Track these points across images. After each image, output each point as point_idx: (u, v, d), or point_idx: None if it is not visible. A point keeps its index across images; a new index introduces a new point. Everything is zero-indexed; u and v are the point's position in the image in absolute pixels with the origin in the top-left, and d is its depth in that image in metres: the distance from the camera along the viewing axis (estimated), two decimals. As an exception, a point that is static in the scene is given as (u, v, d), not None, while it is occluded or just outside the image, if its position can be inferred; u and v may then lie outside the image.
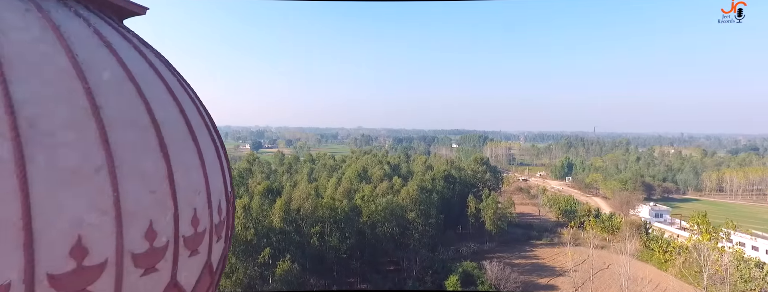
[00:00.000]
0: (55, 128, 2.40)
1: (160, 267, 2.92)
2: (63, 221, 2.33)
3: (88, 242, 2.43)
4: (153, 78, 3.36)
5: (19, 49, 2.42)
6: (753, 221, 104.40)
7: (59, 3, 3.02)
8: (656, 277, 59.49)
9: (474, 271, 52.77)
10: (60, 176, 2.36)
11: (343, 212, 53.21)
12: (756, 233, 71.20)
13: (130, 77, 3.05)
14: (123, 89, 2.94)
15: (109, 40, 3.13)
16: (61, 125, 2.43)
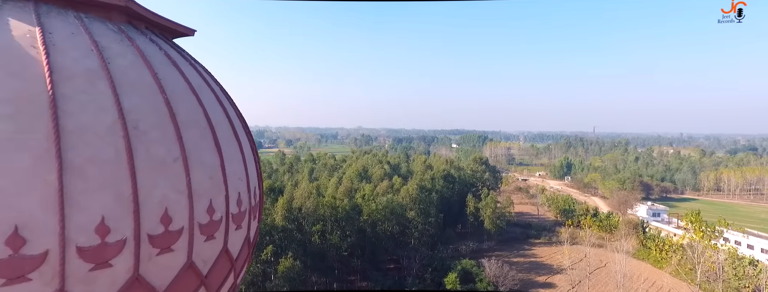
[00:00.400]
0: (149, 129, 3.25)
1: (217, 236, 3.76)
2: (155, 196, 3.18)
3: (172, 213, 3.28)
4: (205, 88, 4.20)
5: (122, 71, 3.26)
6: (750, 220, 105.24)
7: (138, 31, 3.87)
8: (652, 275, 60.36)
9: (473, 269, 53.61)
10: (153, 164, 3.21)
11: (343, 211, 54.02)
12: (751, 232, 72.09)
13: (191, 89, 3.91)
14: (188, 98, 3.79)
15: (174, 59, 3.98)
16: (152, 127, 3.28)
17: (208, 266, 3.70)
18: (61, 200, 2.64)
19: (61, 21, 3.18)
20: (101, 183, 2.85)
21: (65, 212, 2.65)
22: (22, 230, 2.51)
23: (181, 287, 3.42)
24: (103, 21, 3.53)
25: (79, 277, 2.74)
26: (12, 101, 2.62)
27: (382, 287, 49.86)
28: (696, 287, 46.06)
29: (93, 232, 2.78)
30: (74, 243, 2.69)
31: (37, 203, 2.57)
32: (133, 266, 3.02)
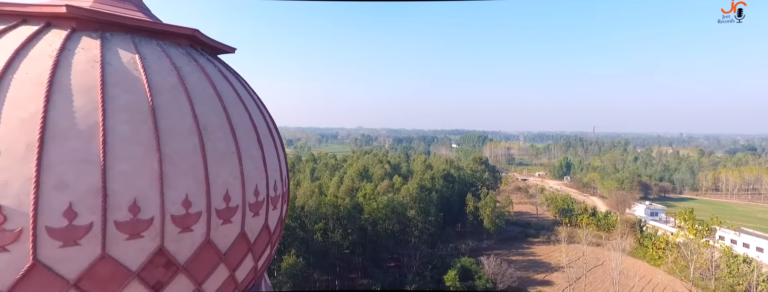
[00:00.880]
0: (214, 129, 4.28)
1: (260, 214, 4.79)
2: (219, 180, 4.21)
3: (231, 194, 4.30)
4: (247, 95, 5.23)
5: (193, 85, 4.29)
6: (747, 219, 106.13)
7: (197, 52, 4.90)
8: (648, 272, 61.32)
9: (472, 266, 54.55)
10: (217, 156, 4.23)
11: (345, 210, 54.98)
12: (747, 231, 73.07)
13: (238, 97, 4.93)
14: (237, 105, 4.81)
15: (224, 73, 5.02)
16: (216, 128, 4.31)
17: (254, 236, 4.73)
18: (160, 181, 3.67)
19: (150, 48, 4.21)
20: (185, 169, 3.88)
21: (164, 190, 3.68)
22: (138, 202, 3.54)
23: (236, 250, 4.45)
24: (174, 46, 4.57)
25: (172, 237, 3.77)
26: (128, 110, 3.65)
27: (383, 285, 50.83)
28: (689, 283, 47.05)
29: (181, 205, 3.81)
30: (169, 212, 3.72)
31: (146, 183, 3.60)
32: (205, 232, 4.05)
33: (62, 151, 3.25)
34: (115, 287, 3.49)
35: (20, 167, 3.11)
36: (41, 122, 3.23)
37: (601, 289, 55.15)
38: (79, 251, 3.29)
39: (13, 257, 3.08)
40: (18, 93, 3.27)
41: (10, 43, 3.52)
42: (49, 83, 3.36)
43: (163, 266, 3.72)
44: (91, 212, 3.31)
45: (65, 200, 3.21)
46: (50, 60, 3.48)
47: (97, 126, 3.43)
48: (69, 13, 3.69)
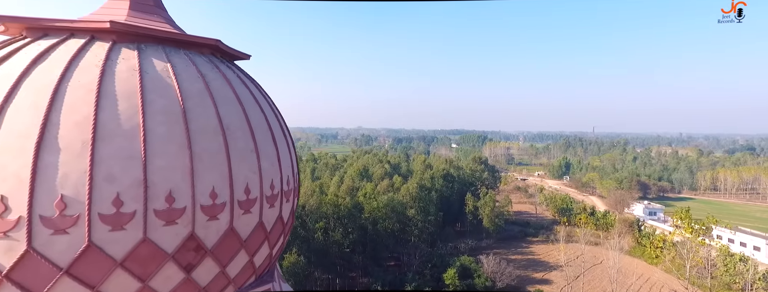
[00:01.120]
0: (235, 129, 4.80)
1: (275, 205, 5.31)
2: (241, 175, 4.73)
3: (251, 187, 4.82)
4: (261, 98, 5.75)
5: (217, 90, 4.81)
6: (745, 219, 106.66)
7: (218, 59, 5.42)
8: (646, 271, 61.90)
9: (471, 265, 55.06)
10: (239, 153, 4.75)
11: (345, 209, 55.47)
12: (744, 230, 73.65)
13: (255, 100, 5.45)
14: (254, 107, 5.33)
15: (242, 78, 5.54)
16: (237, 128, 4.83)
17: (270, 226, 5.25)
18: (191, 175, 4.20)
19: (179, 57, 4.73)
20: (211, 165, 4.40)
21: (194, 183, 4.21)
22: (173, 193, 4.06)
23: (255, 238, 4.98)
24: (199, 55, 5.09)
25: (202, 224, 4.29)
26: (163, 113, 4.17)
27: (383, 283, 51.32)
28: (686, 281, 47.64)
29: (208, 196, 4.33)
30: (199, 203, 4.25)
31: (180, 176, 4.12)
32: (229, 221, 4.57)
33: (110, 148, 3.78)
34: (154, 268, 4.02)
35: (77, 162, 3.64)
36: (93, 124, 3.75)
37: (599, 287, 55.72)
38: (124, 235, 3.81)
39: (72, 239, 3.60)
40: (73, 99, 3.79)
41: (62, 55, 4.04)
42: (97, 90, 3.88)
43: (194, 250, 4.25)
44: (135, 202, 3.83)
45: (114, 191, 3.74)
46: (97, 70, 4.00)
47: (138, 127, 3.95)
48: (111, 28, 4.22)
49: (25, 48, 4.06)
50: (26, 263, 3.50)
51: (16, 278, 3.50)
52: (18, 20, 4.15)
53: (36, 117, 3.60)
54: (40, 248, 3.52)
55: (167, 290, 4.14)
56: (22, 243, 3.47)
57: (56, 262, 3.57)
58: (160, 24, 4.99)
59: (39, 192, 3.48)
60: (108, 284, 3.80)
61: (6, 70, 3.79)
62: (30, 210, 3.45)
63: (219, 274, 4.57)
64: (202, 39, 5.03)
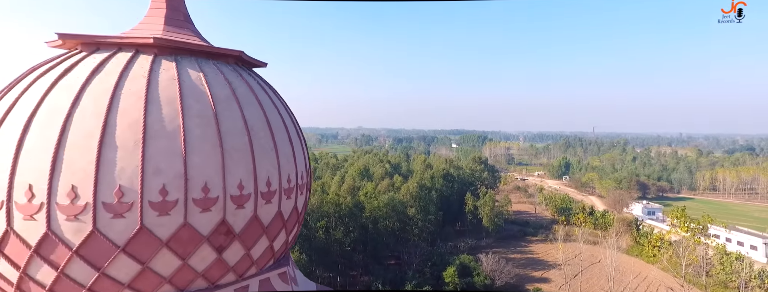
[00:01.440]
0: (258, 130, 5.50)
1: (291, 197, 6.01)
2: (263, 170, 5.42)
3: (271, 181, 5.52)
4: (279, 102, 6.45)
5: (241, 95, 5.51)
6: (744, 218, 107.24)
7: (241, 68, 6.12)
8: (644, 269, 62.57)
9: (470, 263, 55.71)
10: (261, 151, 5.45)
11: (346, 208, 56.11)
12: (740, 229, 74.30)
13: (273, 103, 6.15)
14: (273, 110, 6.03)
15: (261, 84, 6.24)
16: (259, 129, 5.53)
17: (287, 215, 5.95)
18: (223, 170, 4.90)
19: (209, 67, 5.43)
20: (239, 161, 5.10)
21: (225, 176, 4.91)
22: (208, 185, 4.76)
23: (274, 225, 5.67)
24: (225, 64, 5.80)
25: (231, 212, 4.99)
26: (199, 116, 4.87)
27: (383, 281, 51.96)
28: (681, 279, 48.31)
29: (236, 188, 5.03)
30: (229, 193, 4.95)
31: (213, 171, 4.82)
32: (253, 209, 5.27)
33: (157, 146, 4.48)
34: (192, 248, 4.72)
35: (131, 157, 4.34)
36: (142, 126, 4.45)
37: (597, 286, 56.41)
38: (169, 220, 4.51)
39: (128, 222, 4.30)
40: (125, 104, 4.50)
41: (114, 67, 4.74)
42: (145, 97, 4.58)
43: (224, 234, 4.95)
44: (177, 191, 4.53)
45: (160, 182, 4.44)
46: (144, 79, 4.71)
47: (179, 128, 4.65)
48: (154, 43, 4.92)
49: (83, 61, 4.76)
50: (91, 241, 4.20)
51: (83, 253, 4.20)
52: (75, 37, 4.86)
53: (97, 120, 4.30)
54: (103, 229, 4.22)
55: (202, 268, 4.84)
56: (88, 225, 4.17)
57: (115, 241, 4.28)
58: (191, 37, 5.69)
59: (101, 183, 4.19)
60: (155, 261, 4.50)
61: (70, 81, 4.49)
62: (95, 198, 4.16)
63: (244, 256, 5.27)
64: (227, 50, 5.73)
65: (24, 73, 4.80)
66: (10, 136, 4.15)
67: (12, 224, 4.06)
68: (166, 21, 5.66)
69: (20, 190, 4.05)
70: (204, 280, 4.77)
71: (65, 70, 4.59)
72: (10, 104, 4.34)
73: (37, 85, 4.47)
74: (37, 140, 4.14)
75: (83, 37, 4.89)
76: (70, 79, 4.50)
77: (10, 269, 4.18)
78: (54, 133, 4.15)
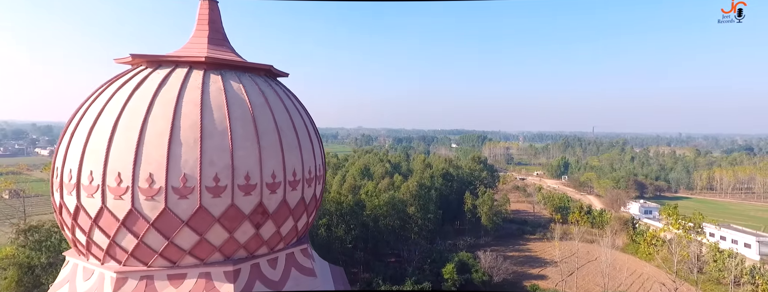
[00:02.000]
0: (285, 130, 6.72)
1: (311, 186, 7.24)
2: (290, 163, 6.65)
3: (296, 172, 6.74)
4: (300, 106, 7.68)
5: (272, 102, 6.73)
6: (740, 217, 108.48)
7: (269, 78, 7.34)
8: (638, 267, 63.87)
9: (469, 260, 56.92)
10: (288, 147, 6.67)
11: (348, 206, 57.29)
12: (735, 228, 75.58)
13: (296, 108, 7.38)
14: (296, 112, 7.26)
15: (286, 92, 7.46)
16: (286, 129, 6.75)
17: (307, 200, 7.17)
18: (260, 162, 6.12)
19: (245, 79, 6.66)
20: (272, 155, 6.32)
21: (262, 168, 6.13)
22: (249, 174, 5.98)
23: (298, 208, 6.90)
24: (257, 76, 7.03)
25: (266, 196, 6.22)
26: (241, 119, 6.09)
27: (384, 277, 53.13)
28: (673, 275, 49.56)
29: (270, 177, 6.26)
30: (265, 181, 6.17)
31: (253, 163, 6.04)
32: (283, 195, 6.50)
33: (211, 143, 5.70)
34: (237, 224, 5.94)
35: (192, 152, 5.56)
36: (199, 127, 5.68)
37: (592, 282, 57.68)
38: (220, 201, 5.74)
39: (190, 202, 5.53)
40: (186, 110, 5.72)
41: (175, 80, 5.97)
42: (200, 104, 5.81)
43: (261, 213, 6.17)
44: (226, 179, 5.76)
45: (214, 171, 5.66)
46: (198, 90, 5.93)
47: (227, 129, 5.88)
48: (205, 61, 6.15)
49: (151, 76, 5.99)
50: (163, 216, 5.43)
51: (157, 226, 5.43)
52: (144, 57, 6.09)
53: (166, 123, 5.53)
54: (172, 207, 5.45)
55: (243, 241, 6.07)
56: (161, 204, 5.40)
57: (180, 217, 5.50)
58: (230, 54, 6.93)
59: (171, 171, 5.41)
60: (209, 234, 5.73)
61: (143, 92, 5.72)
62: (166, 183, 5.38)
63: (275, 232, 6.50)
64: (259, 65, 6.97)
65: (105, 85, 6.04)
66: (102, 135, 5.38)
67: (105, 202, 5.29)
68: (209, 40, 6.89)
69: (111, 176, 5.28)
70: (244, 250, 6.00)
71: (139, 83, 5.82)
72: (100, 110, 5.57)
73: (118, 95, 5.70)
74: (122, 138, 5.37)
75: (149, 56, 6.12)
76: (143, 90, 5.73)
77: (103, 237, 5.42)
78: (135, 133, 5.38)
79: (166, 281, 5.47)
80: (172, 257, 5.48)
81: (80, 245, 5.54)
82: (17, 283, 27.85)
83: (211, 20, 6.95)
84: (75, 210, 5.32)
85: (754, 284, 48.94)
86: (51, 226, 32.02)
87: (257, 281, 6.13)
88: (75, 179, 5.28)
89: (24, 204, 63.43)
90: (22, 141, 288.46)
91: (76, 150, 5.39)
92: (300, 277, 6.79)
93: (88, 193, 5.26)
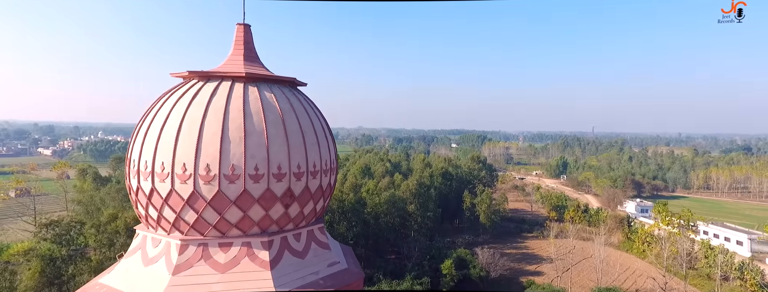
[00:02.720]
0: (308, 130, 8.35)
1: (327, 175, 8.86)
2: (312, 157, 8.28)
3: (316, 164, 8.37)
4: (317, 110, 9.29)
5: (297, 108, 8.36)
6: (735, 216, 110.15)
7: (292, 87, 8.97)
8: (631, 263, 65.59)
9: (467, 256, 58.58)
10: (310, 145, 8.30)
11: (349, 204, 58.95)
12: (729, 226, 77.22)
13: (314, 112, 9.01)
14: (314, 116, 8.88)
15: (307, 100, 9.08)
16: (308, 130, 8.38)
17: (325, 187, 8.79)
18: (288, 156, 7.75)
19: (275, 89, 8.29)
20: (298, 151, 7.95)
21: (290, 160, 7.76)
22: (280, 165, 7.61)
23: (317, 194, 8.51)
24: (283, 87, 8.65)
25: (293, 183, 7.84)
26: (273, 122, 7.70)
27: (384, 272, 54.78)
28: (663, 269, 51.22)
29: (296, 167, 7.88)
30: (293, 171, 7.80)
31: (283, 156, 7.67)
32: (306, 182, 8.12)
33: (251, 141, 7.32)
34: (271, 204, 7.56)
35: (238, 147, 7.18)
36: (243, 128, 7.29)
37: (587, 278, 59.34)
38: (259, 186, 7.36)
39: (237, 187, 7.15)
40: (233, 115, 7.34)
41: (223, 91, 7.59)
42: (243, 110, 7.43)
43: (289, 196, 7.80)
44: (264, 168, 7.38)
45: (254, 163, 7.28)
46: (241, 99, 7.56)
47: (263, 130, 7.49)
48: (246, 75, 7.77)
49: (203, 88, 7.60)
50: (217, 197, 7.05)
51: (212, 204, 7.05)
52: (197, 73, 7.70)
53: (218, 125, 7.15)
54: (223, 190, 7.07)
55: (276, 218, 7.69)
56: (215, 187, 7.02)
57: (229, 197, 7.12)
58: (261, 69, 8.55)
59: (222, 162, 7.03)
60: (250, 211, 7.35)
61: (200, 99, 7.33)
62: (219, 171, 7.00)
63: (299, 212, 8.12)
64: (285, 77, 8.59)
65: (167, 93, 7.67)
66: (171, 134, 7.00)
67: (174, 186, 6.91)
68: (244, 58, 8.52)
69: (178, 166, 6.90)
70: (276, 225, 7.63)
71: (195, 93, 7.44)
72: (167, 114, 7.19)
73: (180, 102, 7.32)
74: (186, 137, 6.98)
75: (200, 72, 7.74)
76: (199, 98, 7.35)
77: (171, 213, 7.04)
78: (195, 133, 7.00)
79: (217, 248, 7.10)
80: (223, 229, 7.11)
81: (152, 220, 7.16)
82: (40, 273, 29.51)
83: (245, 41, 8.58)
84: (150, 192, 6.94)
85: (743, 280, 50.57)
86: (69, 221, 33.78)
87: (285, 250, 7.76)
88: (150, 168, 6.91)
89: (34, 202, 65.20)
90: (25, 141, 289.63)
91: (150, 146, 7.01)
92: (318, 249, 8.43)
93: (160, 179, 6.89)
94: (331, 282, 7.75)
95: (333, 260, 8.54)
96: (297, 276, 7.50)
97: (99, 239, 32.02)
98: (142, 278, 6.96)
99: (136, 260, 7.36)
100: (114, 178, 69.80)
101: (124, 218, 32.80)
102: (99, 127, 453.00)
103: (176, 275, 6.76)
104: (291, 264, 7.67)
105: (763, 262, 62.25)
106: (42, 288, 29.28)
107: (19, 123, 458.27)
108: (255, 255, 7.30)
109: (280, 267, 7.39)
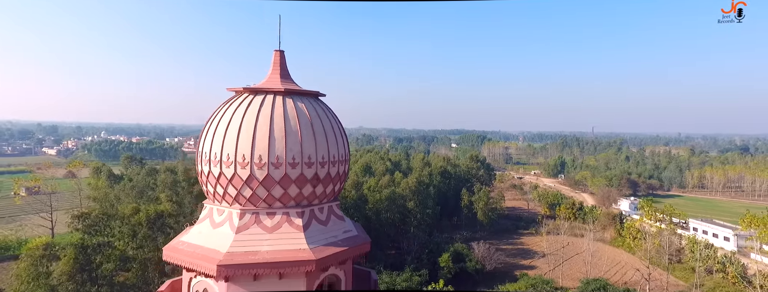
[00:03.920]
0: (328, 131, 11.16)
1: (343, 165, 11.67)
2: (332, 151, 11.10)
3: (334, 156, 11.18)
4: (333, 115, 12.10)
5: (320, 115, 11.17)
6: (728, 214, 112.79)
7: (314, 98, 11.78)
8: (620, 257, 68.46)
9: (464, 250, 61.48)
10: (331, 143, 11.12)
11: (351, 201, 61.86)
12: (718, 223, 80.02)
13: (333, 116, 11.81)
14: (334, 120, 11.69)
15: (328, 107, 11.90)
16: (328, 130, 11.19)
17: (342, 173, 11.60)
18: (315, 150, 10.57)
19: (304, 101, 11.10)
20: (322, 146, 10.77)
21: (317, 154, 10.59)
22: (310, 156, 10.43)
23: (335, 178, 11.33)
24: (309, 98, 11.47)
25: (319, 170, 10.66)
26: (305, 125, 10.52)
27: (384, 265, 57.62)
28: (647, 261, 54.03)
29: (322, 158, 10.70)
30: (319, 161, 10.63)
31: (312, 150, 10.48)
32: (327, 169, 10.94)
33: (290, 139, 10.13)
34: (304, 185, 10.36)
35: (280, 144, 9.98)
36: (284, 130, 10.10)
37: (577, 271, 62.23)
38: (295, 171, 10.16)
39: (280, 171, 9.95)
40: (276, 120, 10.15)
41: (269, 102, 10.39)
42: (283, 117, 10.24)
43: (316, 179, 10.60)
44: (298, 158, 10.19)
45: (292, 155, 10.09)
46: (282, 108, 10.37)
47: (297, 131, 10.30)
48: (284, 91, 10.58)
49: (253, 100, 10.41)
50: (266, 179, 9.86)
51: (263, 184, 9.85)
52: (248, 88, 10.51)
53: (266, 126, 9.95)
54: (271, 173, 9.87)
55: (306, 194, 10.50)
56: (265, 172, 9.83)
57: (275, 179, 9.93)
58: (293, 85, 11.37)
59: (270, 154, 9.84)
60: (289, 190, 10.16)
61: (253, 108, 10.14)
62: (268, 160, 9.81)
63: (322, 191, 10.93)
64: (311, 91, 11.42)
65: (226, 103, 10.50)
66: (233, 133, 9.82)
67: (236, 171, 9.73)
68: (281, 76, 11.34)
69: (239, 157, 9.71)
70: (306, 200, 10.45)
71: (249, 103, 10.24)
72: (229, 118, 10.01)
73: (238, 110, 10.12)
74: (244, 136, 9.79)
75: (250, 89, 10.56)
76: (252, 107, 10.15)
77: (233, 190, 9.86)
78: (250, 133, 9.81)
79: (266, 215, 9.93)
80: (269, 202, 9.94)
81: (218, 195, 10.00)
82: (74, 260, 32.42)
83: (281, 64, 11.41)
84: (218, 175, 9.78)
85: (725, 272, 53.31)
86: (97, 213, 36.69)
87: (313, 219, 10.60)
88: (218, 158, 9.74)
89: (50, 199, 68.40)
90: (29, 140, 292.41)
91: (219, 141, 9.85)
92: (335, 220, 11.27)
93: (226, 165, 9.72)
94: (346, 243, 10.59)
95: (347, 228, 11.38)
96: (322, 237, 10.33)
97: (123, 230, 34.90)
98: (213, 236, 9.78)
99: (206, 225, 10.18)
100: (126, 176, 72.64)
101: (145, 211, 35.71)
102: (101, 127, 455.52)
103: (238, 233, 9.59)
104: (317, 229, 10.50)
105: (748, 256, 65.04)
106: (75, 274, 32.19)
107: (23, 123, 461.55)
108: (292, 221, 10.13)
109: (310, 230, 10.23)
